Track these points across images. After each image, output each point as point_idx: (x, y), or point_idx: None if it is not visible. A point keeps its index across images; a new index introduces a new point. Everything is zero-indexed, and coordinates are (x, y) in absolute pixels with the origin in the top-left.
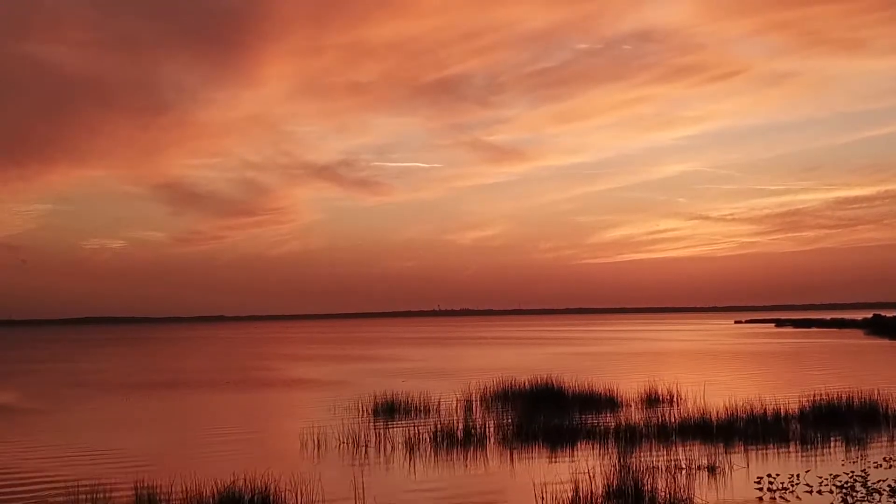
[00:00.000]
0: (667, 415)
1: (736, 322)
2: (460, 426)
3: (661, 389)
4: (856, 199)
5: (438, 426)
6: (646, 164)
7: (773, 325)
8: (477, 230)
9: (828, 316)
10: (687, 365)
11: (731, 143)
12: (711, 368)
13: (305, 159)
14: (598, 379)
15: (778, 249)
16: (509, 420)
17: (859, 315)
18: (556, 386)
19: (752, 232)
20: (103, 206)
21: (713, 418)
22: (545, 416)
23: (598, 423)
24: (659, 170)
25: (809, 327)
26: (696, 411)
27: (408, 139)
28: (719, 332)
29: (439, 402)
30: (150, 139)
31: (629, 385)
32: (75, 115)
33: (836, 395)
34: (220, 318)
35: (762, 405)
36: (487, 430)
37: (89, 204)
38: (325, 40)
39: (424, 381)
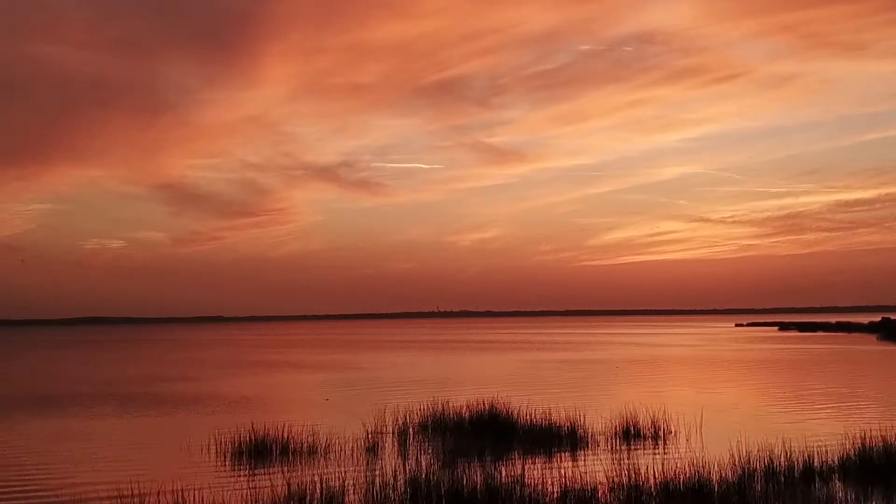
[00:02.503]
0: (647, 466)
1: (737, 325)
2: (330, 485)
3: (644, 419)
4: (856, 202)
5: (295, 485)
6: (646, 166)
7: (776, 328)
8: (477, 232)
9: (828, 319)
10: (683, 378)
11: (732, 146)
12: (712, 384)
13: (305, 160)
14: (567, 400)
15: (778, 252)
16: (411, 474)
17: (860, 318)
18: (501, 414)
19: (752, 234)
20: (103, 206)
21: (713, 476)
22: (470, 464)
23: (542, 479)
24: (659, 172)
25: (815, 331)
26: (688, 460)
27: (408, 140)
28: (720, 335)
29: (333, 440)
30: (150, 139)
31: (604, 411)
32: (75, 116)
33: (888, 433)
34: (219, 319)
35: (785, 449)
36: (369, 492)
37: (89, 204)
38: (326, 41)
39: (357, 398)
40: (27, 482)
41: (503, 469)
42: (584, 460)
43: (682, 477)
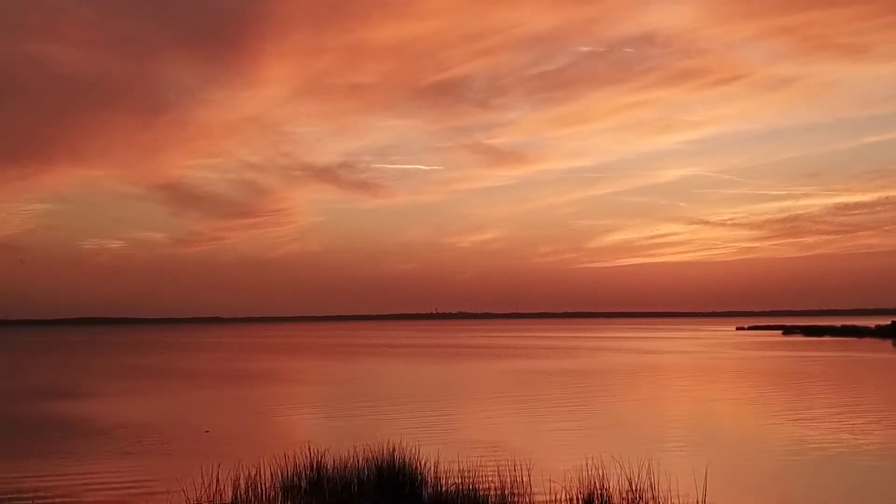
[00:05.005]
0: None
1: (738, 329)
2: None
3: (617, 481)
4: (856, 205)
5: None
6: (646, 168)
7: (779, 332)
8: (476, 233)
9: (829, 322)
10: (678, 401)
11: (733, 148)
12: (716, 408)
13: (305, 161)
14: (518, 436)
15: (778, 255)
16: None
17: (861, 321)
18: (405, 470)
19: (752, 237)
20: (102, 206)
21: None
22: None
23: None
24: (660, 174)
25: (821, 335)
26: None
27: (408, 141)
28: (722, 340)
29: None
30: (149, 139)
31: (560, 461)
32: (75, 115)
33: None
34: (217, 320)
35: None
36: None
37: (88, 204)
38: (326, 41)
39: (248, 431)
40: None
41: None
42: None
43: None
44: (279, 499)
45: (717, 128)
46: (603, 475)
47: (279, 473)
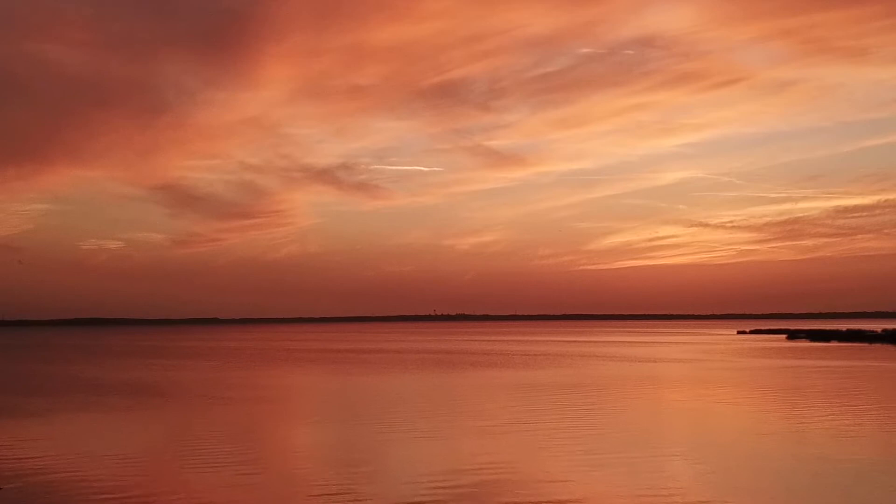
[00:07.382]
0: None
1: (739, 332)
2: None
3: None
4: (856, 208)
5: None
6: (646, 171)
7: (783, 336)
8: (476, 235)
9: (830, 325)
10: (684, 434)
11: (732, 151)
12: (735, 452)
13: (304, 162)
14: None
15: (777, 258)
16: None
17: (861, 324)
18: None
19: (751, 240)
20: (101, 206)
21: None
22: None
23: None
24: (659, 176)
25: (828, 340)
26: None
27: (407, 143)
28: (723, 345)
29: None
30: (148, 140)
31: None
32: (74, 116)
33: None
34: (215, 321)
35: None
36: None
37: (87, 205)
38: (325, 43)
39: (62, 486)
40: None
41: None
42: None
43: None
44: None
45: (716, 130)
46: None
47: None
